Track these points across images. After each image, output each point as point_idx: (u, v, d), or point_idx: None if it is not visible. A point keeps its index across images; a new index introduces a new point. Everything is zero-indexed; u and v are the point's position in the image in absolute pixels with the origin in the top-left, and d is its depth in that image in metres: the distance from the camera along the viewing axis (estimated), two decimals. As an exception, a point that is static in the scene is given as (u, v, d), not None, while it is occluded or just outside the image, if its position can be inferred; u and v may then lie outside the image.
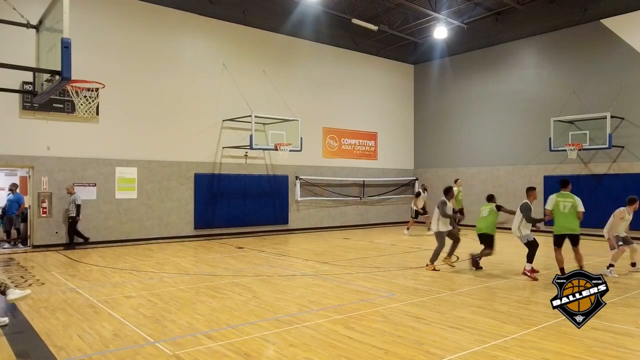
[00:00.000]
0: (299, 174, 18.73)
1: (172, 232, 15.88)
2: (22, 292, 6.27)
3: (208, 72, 16.74)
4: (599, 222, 14.81)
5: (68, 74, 5.50)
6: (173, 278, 9.54)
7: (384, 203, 21.87)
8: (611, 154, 16.37)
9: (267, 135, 17.25)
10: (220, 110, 16.91)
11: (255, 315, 6.72)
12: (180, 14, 16.24)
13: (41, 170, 13.69)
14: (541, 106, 18.27)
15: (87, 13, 14.07)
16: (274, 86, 17.71)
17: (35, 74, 6.75)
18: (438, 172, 21.66)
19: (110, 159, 14.76)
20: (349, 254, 12.85)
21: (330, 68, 20.09)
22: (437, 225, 10.41)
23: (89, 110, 11.20)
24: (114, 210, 14.77)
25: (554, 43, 18.24)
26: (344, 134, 20.63)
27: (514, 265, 10.91)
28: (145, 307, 7.18)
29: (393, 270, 10.34)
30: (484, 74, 20.41)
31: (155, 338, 5.70)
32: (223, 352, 5.20)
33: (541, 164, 18.30)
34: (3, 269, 10.55)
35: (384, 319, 6.52)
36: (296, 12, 18.30)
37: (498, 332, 5.86)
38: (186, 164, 16.26)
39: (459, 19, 18.92)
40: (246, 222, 17.49)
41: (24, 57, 7.42)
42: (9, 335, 5.85)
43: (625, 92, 16.06)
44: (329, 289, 8.49)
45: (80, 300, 7.66)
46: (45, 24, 6.44)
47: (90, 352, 5.23)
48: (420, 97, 23.12)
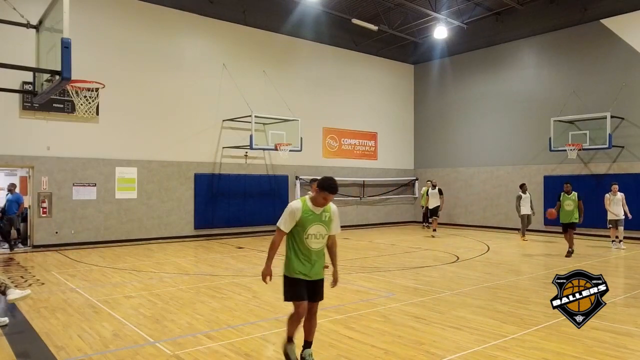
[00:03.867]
0: (299, 174, 18.73)
1: (172, 232, 15.88)
2: (22, 292, 6.26)
3: (208, 72, 16.74)
4: (599, 222, 14.91)
5: (68, 74, 5.50)
6: (173, 278, 9.54)
7: (384, 203, 21.87)
8: (611, 154, 16.37)
9: (267, 135, 17.25)
10: (220, 110, 16.91)
11: (255, 315, 6.72)
12: (180, 14, 16.24)
13: (41, 170, 13.69)
14: (541, 106, 18.27)
15: (87, 13, 14.07)
16: (274, 86, 17.71)
17: (35, 74, 6.76)
18: (438, 172, 21.65)
19: (110, 159, 14.76)
20: (349, 254, 12.84)
21: (330, 68, 20.10)
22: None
23: (89, 110, 11.20)
24: (114, 210, 14.76)
25: (554, 43, 18.23)
26: (344, 134, 20.63)
27: (514, 265, 10.91)
28: (145, 307, 7.18)
29: (393, 270, 10.34)
30: (484, 74, 20.41)
31: (155, 338, 5.70)
32: (223, 352, 5.20)
33: (541, 164, 18.30)
34: (3, 269, 10.55)
35: (384, 319, 6.52)
36: (296, 12, 18.30)
37: (498, 332, 5.86)
38: (186, 164, 16.26)
39: (459, 19, 18.92)
40: (246, 222, 17.48)
41: (24, 57, 7.43)
42: (9, 335, 5.85)
43: (625, 92, 16.06)
44: (328, 289, 8.48)
45: (80, 300, 7.66)
46: (45, 24, 6.44)
47: (90, 352, 5.23)
48: (420, 97, 23.12)
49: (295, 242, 4.51)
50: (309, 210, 4.46)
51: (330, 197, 4.42)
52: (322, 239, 4.55)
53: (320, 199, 4.45)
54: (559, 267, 10.43)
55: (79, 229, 14.08)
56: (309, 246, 4.49)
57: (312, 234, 4.47)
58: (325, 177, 4.49)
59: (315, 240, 4.50)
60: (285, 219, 4.48)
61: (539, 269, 10.44)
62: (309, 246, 4.50)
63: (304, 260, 4.50)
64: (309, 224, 4.46)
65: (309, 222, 4.45)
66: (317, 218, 4.49)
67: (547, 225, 17.62)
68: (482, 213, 20.09)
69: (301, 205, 4.48)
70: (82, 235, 14.16)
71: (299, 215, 4.44)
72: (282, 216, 4.49)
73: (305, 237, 4.46)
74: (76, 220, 13.99)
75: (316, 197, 4.49)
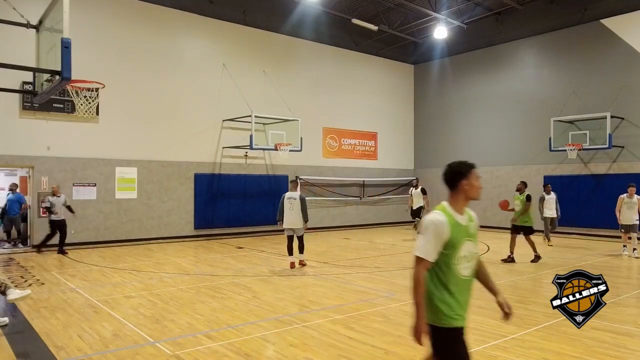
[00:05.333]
0: (299, 174, 18.72)
1: (172, 232, 15.88)
2: (22, 292, 6.27)
3: (208, 72, 16.73)
4: (599, 222, 14.91)
5: (68, 74, 5.50)
6: (173, 278, 9.54)
7: (384, 203, 21.87)
8: (611, 154, 16.36)
9: (267, 135, 17.25)
10: (220, 110, 16.91)
11: (255, 315, 6.71)
12: (180, 14, 16.24)
13: (41, 170, 13.69)
14: (541, 106, 18.26)
15: (87, 13, 14.07)
16: (274, 86, 17.71)
17: (35, 74, 6.75)
18: (438, 172, 21.42)
19: (110, 159, 14.76)
20: (349, 254, 12.85)
21: (330, 68, 20.09)
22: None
23: (89, 110, 11.20)
24: (114, 210, 14.76)
25: (554, 43, 18.23)
26: (344, 134, 20.62)
27: (514, 265, 10.91)
28: (145, 307, 7.17)
29: (393, 270, 10.34)
30: (484, 74, 20.40)
31: (155, 338, 5.70)
32: (223, 352, 5.20)
33: (541, 164, 18.29)
34: (3, 269, 10.55)
35: (384, 319, 6.52)
36: (296, 12, 18.29)
37: (498, 332, 5.86)
38: (186, 164, 16.26)
39: (459, 19, 18.91)
40: (246, 222, 17.48)
41: (24, 57, 7.41)
42: (9, 335, 5.85)
43: (625, 92, 16.05)
44: (329, 289, 8.49)
45: (80, 300, 7.66)
46: (45, 24, 6.44)
47: (90, 352, 5.23)
48: (420, 97, 23.12)
49: (442, 271, 3.08)
50: (455, 222, 3.09)
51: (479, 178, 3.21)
52: (472, 261, 3.18)
53: (474, 190, 3.16)
54: (559, 267, 10.42)
55: (79, 229, 14.07)
56: (459, 274, 3.09)
57: (462, 256, 3.10)
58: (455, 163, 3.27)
59: (466, 265, 3.13)
60: (429, 242, 3.03)
61: (539, 269, 10.43)
62: (460, 274, 3.10)
63: (459, 295, 3.10)
64: (459, 242, 3.08)
65: (458, 239, 3.08)
66: (465, 231, 3.13)
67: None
68: (482, 213, 20.02)
69: (445, 217, 3.08)
70: (82, 235, 14.16)
71: (447, 231, 3.04)
72: (422, 236, 3.08)
73: (455, 262, 3.07)
74: (76, 220, 13.97)
75: (468, 191, 3.14)
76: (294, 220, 10.45)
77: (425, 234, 3.06)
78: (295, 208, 10.40)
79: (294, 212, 10.41)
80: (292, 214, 10.43)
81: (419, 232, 3.23)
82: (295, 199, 10.46)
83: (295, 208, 10.40)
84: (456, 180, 3.15)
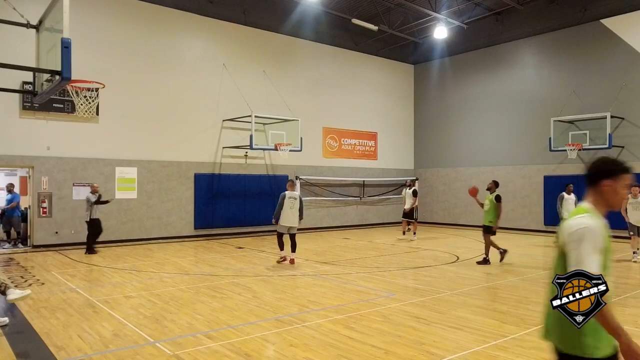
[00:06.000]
0: (299, 174, 18.72)
1: (172, 232, 15.88)
2: (22, 292, 6.26)
3: (208, 72, 16.73)
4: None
5: (68, 74, 5.50)
6: (173, 278, 9.54)
7: (384, 203, 21.86)
8: (611, 154, 16.35)
9: (267, 135, 17.25)
10: (220, 110, 16.91)
11: (255, 315, 6.71)
12: (180, 14, 16.24)
13: (41, 170, 13.69)
14: (541, 106, 18.27)
15: (87, 13, 14.06)
16: (274, 86, 17.71)
17: (35, 74, 6.75)
18: (438, 172, 21.65)
19: (110, 159, 14.76)
20: (349, 254, 12.85)
21: (330, 68, 20.09)
22: None
23: (89, 110, 11.20)
24: (114, 210, 14.75)
25: (554, 43, 18.23)
26: (344, 134, 20.62)
27: (514, 265, 10.91)
28: (145, 307, 7.17)
29: (393, 270, 10.34)
30: (484, 74, 20.41)
31: (155, 338, 5.70)
32: (223, 352, 5.20)
33: (541, 164, 18.30)
34: (3, 269, 10.54)
35: (384, 319, 6.52)
36: (296, 12, 18.30)
37: (498, 332, 5.86)
38: (186, 164, 16.25)
39: (459, 19, 18.92)
40: (246, 222, 17.48)
41: (24, 57, 7.42)
42: (9, 335, 5.85)
43: (625, 92, 16.06)
44: (329, 289, 8.49)
45: (80, 300, 7.66)
46: (45, 24, 6.44)
47: (90, 352, 5.23)
48: (420, 97, 23.12)
49: None
50: (605, 227, 2.52)
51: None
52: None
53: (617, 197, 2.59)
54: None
55: (79, 229, 14.06)
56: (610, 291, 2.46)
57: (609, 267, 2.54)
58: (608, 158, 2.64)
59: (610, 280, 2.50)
60: (593, 251, 2.41)
61: (539, 269, 10.44)
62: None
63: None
64: (609, 253, 2.52)
65: (608, 249, 2.51)
66: (609, 242, 2.54)
67: (547, 226, 17.63)
68: (482, 213, 20.03)
69: (597, 222, 2.48)
70: (82, 235, 14.12)
71: (602, 240, 2.45)
72: (580, 249, 2.42)
73: (607, 274, 2.50)
74: (76, 220, 13.97)
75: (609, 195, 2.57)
76: (294, 219, 10.90)
77: (584, 241, 2.41)
78: (296, 207, 10.84)
79: (294, 211, 10.85)
80: (293, 213, 10.84)
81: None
82: (296, 199, 10.88)
83: (296, 207, 10.84)
84: (598, 178, 2.57)
